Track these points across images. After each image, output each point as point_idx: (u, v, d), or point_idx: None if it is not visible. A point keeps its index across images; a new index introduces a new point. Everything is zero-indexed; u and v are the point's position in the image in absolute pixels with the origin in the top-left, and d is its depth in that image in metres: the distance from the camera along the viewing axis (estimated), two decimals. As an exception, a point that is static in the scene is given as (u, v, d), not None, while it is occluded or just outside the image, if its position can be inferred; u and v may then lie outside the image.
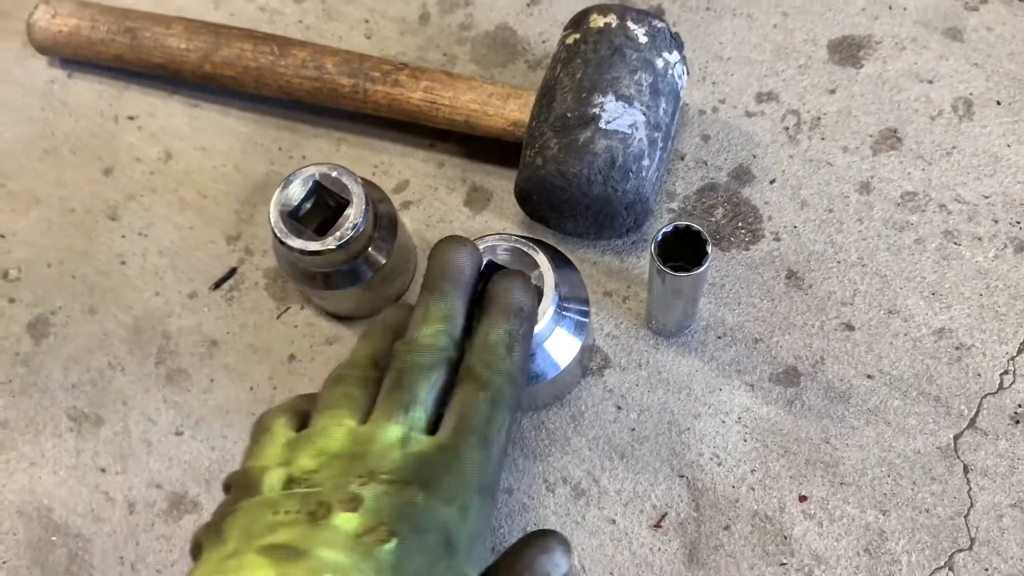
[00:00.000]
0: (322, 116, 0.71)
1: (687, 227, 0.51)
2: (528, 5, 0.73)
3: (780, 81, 0.68)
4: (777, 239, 0.63)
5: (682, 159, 0.66)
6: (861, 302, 0.61)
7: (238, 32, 0.69)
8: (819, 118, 0.66)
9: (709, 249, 0.51)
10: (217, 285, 0.67)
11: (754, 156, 0.66)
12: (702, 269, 0.51)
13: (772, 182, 0.65)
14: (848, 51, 0.68)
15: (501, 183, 0.68)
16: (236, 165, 0.71)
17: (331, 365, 0.63)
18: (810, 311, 0.61)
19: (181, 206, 0.70)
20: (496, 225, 0.67)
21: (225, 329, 0.66)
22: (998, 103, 0.66)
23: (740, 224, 0.64)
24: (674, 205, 0.65)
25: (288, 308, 0.66)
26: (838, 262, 0.62)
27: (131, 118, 0.73)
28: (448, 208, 0.68)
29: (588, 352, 0.61)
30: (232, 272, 0.67)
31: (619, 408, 0.61)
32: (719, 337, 0.61)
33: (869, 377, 0.59)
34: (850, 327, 0.61)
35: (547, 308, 0.53)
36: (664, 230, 0.52)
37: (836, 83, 0.67)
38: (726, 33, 0.70)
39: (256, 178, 0.70)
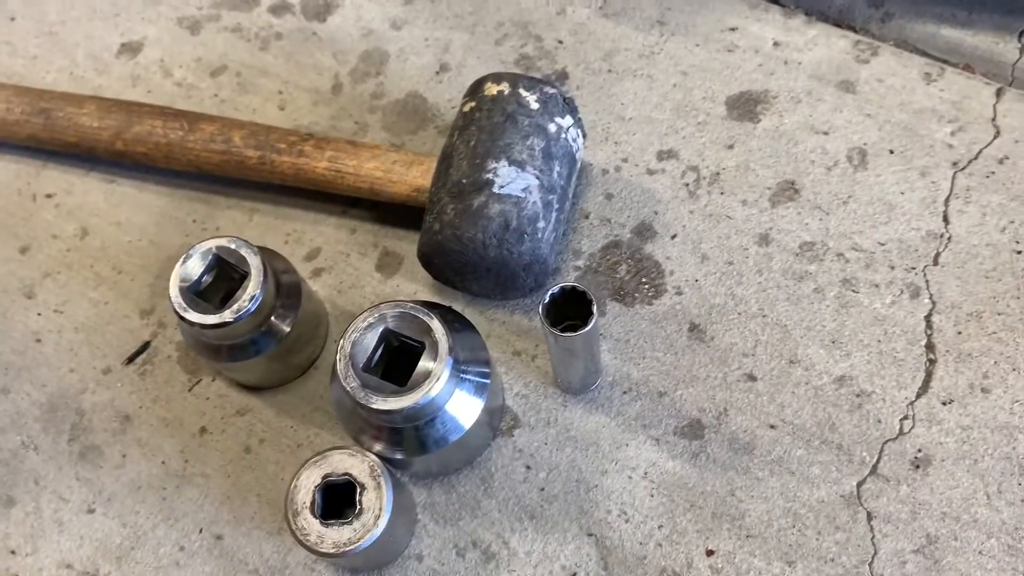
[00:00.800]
0: (235, 187, 0.72)
1: (573, 288, 0.52)
2: (437, 73, 0.75)
3: (680, 139, 0.69)
4: (679, 293, 0.64)
5: (587, 217, 0.67)
6: (763, 353, 0.62)
7: (149, 109, 0.70)
8: (718, 173, 0.68)
9: (594, 309, 0.52)
10: (130, 360, 0.67)
11: (656, 213, 0.67)
12: (587, 329, 0.51)
13: (673, 237, 0.66)
14: (746, 107, 0.70)
15: (412, 247, 0.68)
16: (151, 239, 0.71)
17: (241, 437, 0.64)
18: (713, 363, 0.62)
19: (97, 282, 0.70)
20: (407, 289, 0.67)
21: (138, 403, 0.66)
22: (891, 152, 0.67)
23: (643, 279, 0.65)
24: (580, 263, 0.66)
25: (200, 380, 0.66)
26: (739, 314, 0.63)
27: (49, 196, 0.74)
28: (360, 273, 0.68)
29: (496, 413, 0.61)
30: (145, 346, 0.67)
31: (528, 468, 0.61)
32: (625, 392, 0.62)
33: (772, 427, 0.60)
34: (752, 378, 0.61)
35: (441, 372, 0.53)
36: (552, 291, 0.52)
37: (734, 138, 0.69)
38: (627, 94, 0.72)
39: (171, 251, 0.70)
